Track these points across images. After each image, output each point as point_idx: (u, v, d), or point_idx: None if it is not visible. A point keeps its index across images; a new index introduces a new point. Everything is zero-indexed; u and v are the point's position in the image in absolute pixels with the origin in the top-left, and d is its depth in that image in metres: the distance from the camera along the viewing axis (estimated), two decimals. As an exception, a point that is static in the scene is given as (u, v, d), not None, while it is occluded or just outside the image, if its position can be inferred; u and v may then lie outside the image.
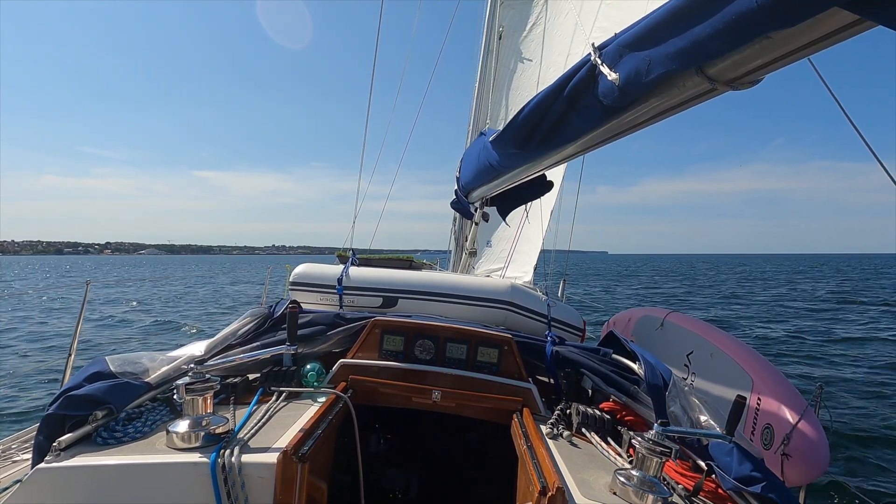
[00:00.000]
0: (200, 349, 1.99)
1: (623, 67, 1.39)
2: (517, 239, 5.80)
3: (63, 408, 1.41)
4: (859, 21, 0.87)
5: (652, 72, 1.27)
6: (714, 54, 1.12)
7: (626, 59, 1.38)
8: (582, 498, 1.30)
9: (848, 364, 9.93)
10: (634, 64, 1.34)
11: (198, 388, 1.45)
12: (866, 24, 0.86)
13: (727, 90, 1.22)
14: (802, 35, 0.95)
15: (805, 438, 2.33)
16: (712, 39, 1.07)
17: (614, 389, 1.99)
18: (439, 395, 1.92)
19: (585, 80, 1.59)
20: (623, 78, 1.39)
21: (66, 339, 10.79)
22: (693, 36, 1.12)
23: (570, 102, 1.71)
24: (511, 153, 2.40)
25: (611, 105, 1.53)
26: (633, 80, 1.36)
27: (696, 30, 1.10)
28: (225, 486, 1.27)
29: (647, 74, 1.29)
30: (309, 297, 3.13)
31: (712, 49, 1.10)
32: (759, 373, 2.74)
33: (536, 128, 1.97)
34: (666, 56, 1.22)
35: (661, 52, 1.23)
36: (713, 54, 1.13)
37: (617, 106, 1.53)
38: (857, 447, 5.82)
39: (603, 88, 1.51)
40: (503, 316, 2.98)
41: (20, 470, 1.71)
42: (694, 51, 1.13)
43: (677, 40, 1.17)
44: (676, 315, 3.81)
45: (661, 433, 1.37)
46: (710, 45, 1.08)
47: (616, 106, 1.53)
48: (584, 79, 1.59)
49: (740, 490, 1.44)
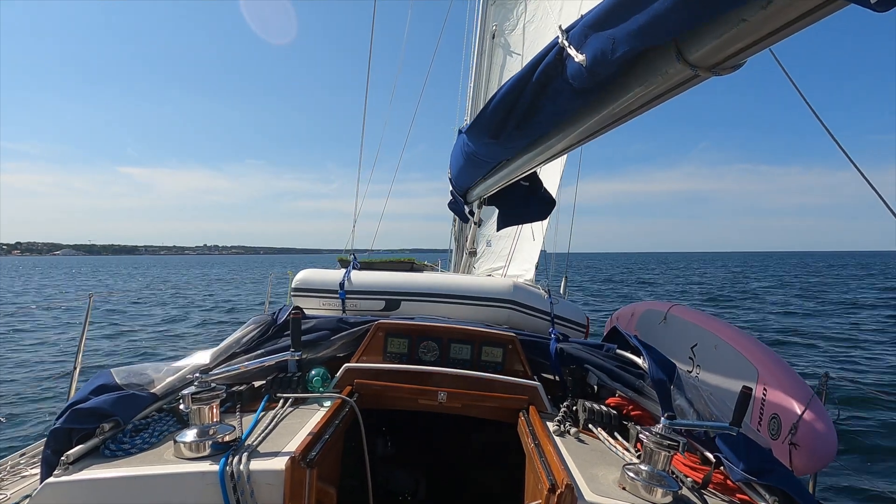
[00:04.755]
0: (205, 358, 1.99)
1: (589, 48, 1.39)
2: (517, 237, 5.80)
3: (70, 421, 1.41)
4: (830, 0, 0.88)
5: (617, 50, 1.28)
6: (676, 29, 1.13)
7: (590, 39, 1.38)
8: (591, 494, 1.30)
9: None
10: (599, 44, 1.34)
11: (204, 397, 1.45)
12: (838, 3, 0.88)
13: (709, 76, 1.22)
14: (777, 17, 0.96)
15: (812, 427, 2.33)
16: (671, 13, 1.07)
17: (620, 384, 1.99)
18: (445, 396, 1.92)
19: (554, 63, 1.58)
20: (590, 58, 1.39)
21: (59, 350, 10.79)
22: (653, 11, 1.12)
23: (540, 86, 1.70)
24: (487, 142, 2.36)
25: (580, 87, 1.53)
26: (599, 60, 1.36)
27: (656, 5, 1.11)
28: (234, 494, 1.27)
29: (612, 53, 1.29)
30: (311, 302, 3.13)
31: (673, 24, 1.10)
32: (764, 363, 2.73)
33: (509, 114, 1.95)
34: (628, 34, 1.22)
35: (624, 30, 1.23)
36: (675, 29, 1.13)
37: (587, 87, 1.52)
38: (864, 434, 5.82)
39: (571, 70, 1.51)
40: (506, 315, 2.98)
41: (29, 485, 1.71)
42: (655, 27, 1.14)
43: (638, 17, 1.17)
44: (679, 308, 3.81)
45: (668, 427, 1.37)
46: (670, 19, 1.09)
47: (586, 87, 1.52)
48: (553, 62, 1.58)
49: (749, 481, 1.44)
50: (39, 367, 9.59)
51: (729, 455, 1.51)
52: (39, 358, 10.54)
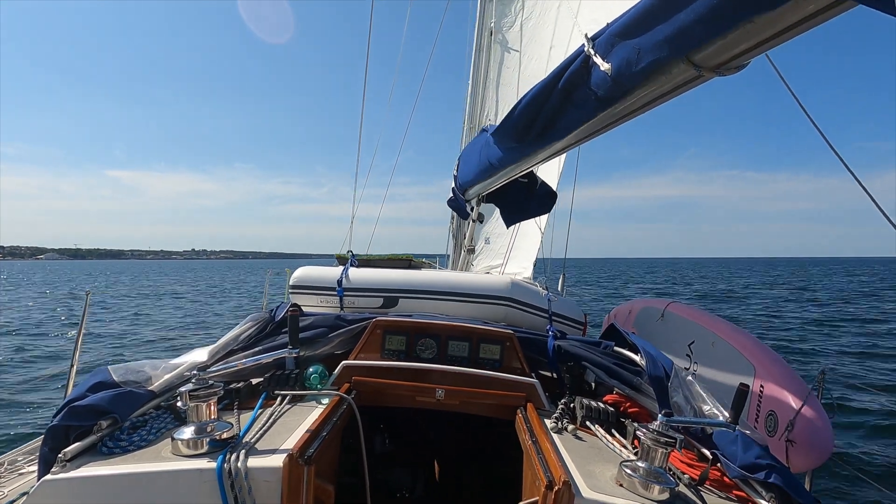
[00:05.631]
0: (203, 356, 1.99)
1: (615, 57, 1.39)
2: (515, 235, 5.80)
3: (67, 419, 1.40)
4: (839, 2, 0.87)
5: (642, 60, 1.27)
6: (700, 40, 1.12)
7: (617, 48, 1.38)
8: (588, 491, 1.30)
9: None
10: (625, 53, 1.33)
11: (201, 394, 1.45)
12: (847, 4, 0.87)
13: (713, 76, 1.22)
14: (783, 18, 0.96)
15: (809, 424, 2.34)
16: (698, 24, 1.07)
17: (617, 382, 2.00)
18: (443, 394, 1.93)
19: (579, 71, 1.58)
20: (615, 68, 1.38)
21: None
22: (679, 22, 1.12)
23: (565, 94, 1.71)
24: (510, 147, 2.40)
25: (604, 96, 1.53)
26: (624, 70, 1.35)
27: (682, 15, 1.10)
28: (232, 492, 1.27)
29: (637, 63, 1.29)
30: (309, 299, 3.13)
31: (698, 34, 1.10)
32: (761, 360, 2.74)
33: (534, 121, 1.96)
34: (655, 44, 1.21)
35: (650, 41, 1.23)
36: (700, 40, 1.12)
37: (610, 96, 1.52)
38: (861, 431, 5.85)
39: (596, 79, 1.51)
40: (504, 312, 2.99)
41: (27, 482, 1.71)
42: (681, 37, 1.14)
43: (664, 27, 1.17)
44: (677, 305, 3.82)
45: (666, 424, 1.37)
46: (696, 30, 1.09)
47: (609, 96, 1.53)
48: (578, 70, 1.58)
49: (746, 478, 1.44)
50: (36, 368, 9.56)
51: (726, 452, 1.51)
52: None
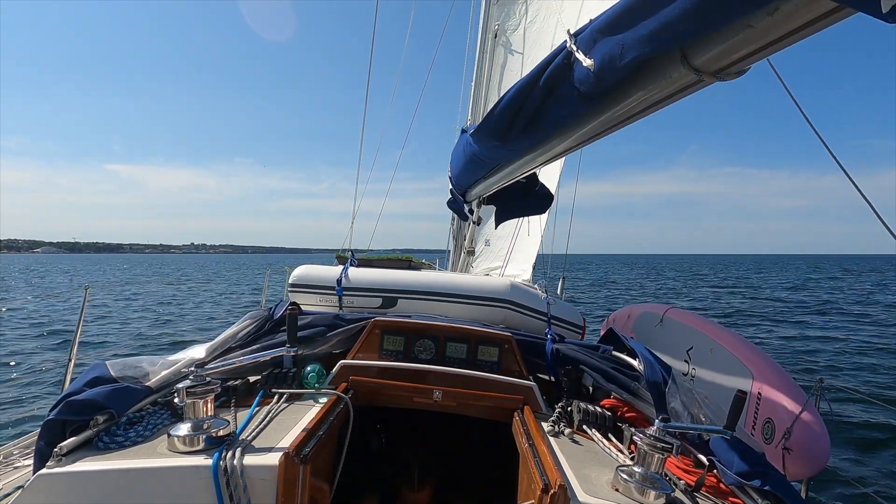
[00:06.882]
0: (200, 352, 1.99)
1: (597, 53, 1.39)
2: (515, 237, 5.80)
3: (64, 413, 1.40)
4: (839, 8, 0.87)
5: (625, 56, 1.27)
6: (685, 37, 1.12)
7: (599, 44, 1.37)
8: (584, 495, 1.30)
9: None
10: (608, 49, 1.33)
11: (198, 391, 1.45)
12: (846, 11, 0.87)
13: (713, 81, 1.21)
14: (783, 24, 0.95)
15: (806, 432, 2.34)
16: (681, 20, 1.07)
17: (615, 386, 1.99)
18: (440, 395, 1.92)
19: (561, 67, 1.58)
20: (598, 63, 1.38)
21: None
22: (663, 17, 1.11)
23: (547, 90, 1.70)
24: (493, 145, 2.37)
25: (587, 91, 1.53)
26: (607, 65, 1.35)
27: (666, 11, 1.10)
28: (227, 489, 1.27)
29: (620, 59, 1.29)
30: (308, 298, 3.13)
31: (682, 31, 1.10)
32: (759, 367, 2.74)
33: (516, 117, 1.95)
34: (638, 39, 1.21)
35: (633, 36, 1.23)
36: (684, 36, 1.12)
37: (593, 92, 1.52)
38: (858, 440, 5.84)
39: (579, 75, 1.51)
40: (503, 315, 2.98)
41: (22, 476, 1.70)
42: (664, 32, 1.13)
43: (648, 22, 1.17)
44: (675, 311, 3.81)
45: (662, 429, 1.37)
46: (680, 26, 1.08)
47: (592, 92, 1.52)
48: (561, 66, 1.58)
49: (742, 485, 1.44)
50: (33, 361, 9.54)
51: (722, 458, 1.51)
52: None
